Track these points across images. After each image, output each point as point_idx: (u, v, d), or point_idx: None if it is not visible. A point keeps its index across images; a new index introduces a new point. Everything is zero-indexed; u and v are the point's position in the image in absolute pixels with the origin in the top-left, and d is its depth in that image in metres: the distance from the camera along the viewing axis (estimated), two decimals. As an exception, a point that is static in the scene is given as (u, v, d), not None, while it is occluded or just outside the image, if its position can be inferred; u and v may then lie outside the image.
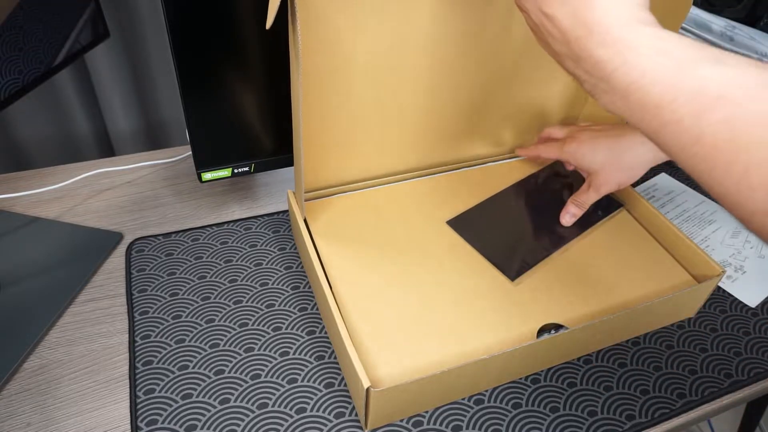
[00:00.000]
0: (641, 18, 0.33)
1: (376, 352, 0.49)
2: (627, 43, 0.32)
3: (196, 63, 0.54)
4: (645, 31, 0.32)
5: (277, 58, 0.56)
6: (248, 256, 0.63)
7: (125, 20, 0.92)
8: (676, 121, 0.30)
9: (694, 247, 0.57)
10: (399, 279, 0.56)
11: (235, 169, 0.64)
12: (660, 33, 0.32)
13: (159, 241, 0.65)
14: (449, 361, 0.49)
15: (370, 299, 0.53)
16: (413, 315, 0.52)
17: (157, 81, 1.01)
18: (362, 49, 0.52)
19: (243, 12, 0.53)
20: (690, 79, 0.29)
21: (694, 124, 0.29)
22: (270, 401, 0.50)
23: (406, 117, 0.61)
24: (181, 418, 0.48)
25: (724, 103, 0.28)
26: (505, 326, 0.52)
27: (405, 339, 0.50)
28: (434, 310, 0.53)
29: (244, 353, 0.53)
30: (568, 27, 0.35)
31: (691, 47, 0.30)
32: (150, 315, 0.56)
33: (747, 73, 0.28)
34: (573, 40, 0.34)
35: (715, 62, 0.29)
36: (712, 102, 0.28)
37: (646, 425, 0.49)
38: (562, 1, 0.35)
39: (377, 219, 0.62)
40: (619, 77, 0.32)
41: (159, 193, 0.73)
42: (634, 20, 0.32)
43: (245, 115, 0.61)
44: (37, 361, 0.52)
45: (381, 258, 0.58)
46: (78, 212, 0.69)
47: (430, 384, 0.45)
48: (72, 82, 0.95)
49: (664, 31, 0.32)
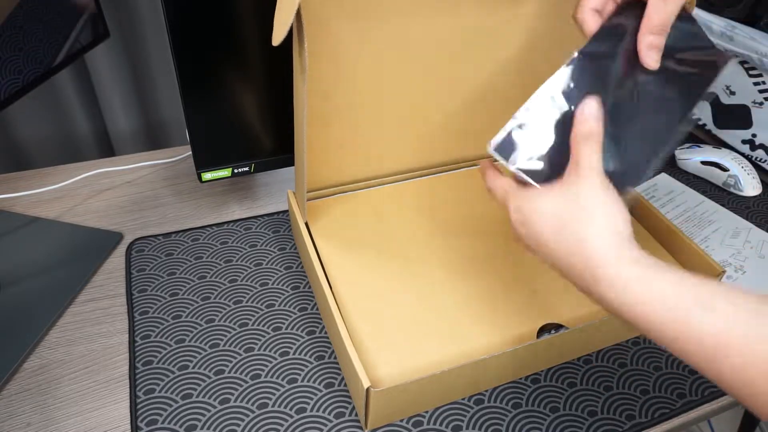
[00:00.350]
0: (630, 257, 0.34)
1: (376, 352, 0.49)
2: (621, 285, 0.33)
3: (196, 63, 0.54)
4: (634, 272, 0.33)
5: (277, 58, 0.56)
6: (248, 256, 0.63)
7: (125, 20, 0.92)
8: (690, 356, 0.31)
9: (695, 247, 0.57)
10: (399, 279, 0.56)
11: (235, 169, 0.64)
12: (647, 274, 0.33)
13: (159, 241, 0.65)
14: (449, 361, 0.49)
15: (370, 299, 0.53)
16: (413, 315, 0.52)
17: (157, 81, 1.01)
18: (365, 54, 0.52)
19: (243, 12, 0.53)
20: (689, 329, 0.31)
21: (710, 368, 0.31)
22: (270, 401, 0.50)
23: (407, 118, 0.61)
24: (181, 418, 0.48)
25: (730, 352, 0.29)
26: (505, 326, 0.52)
27: (405, 339, 0.50)
28: (434, 310, 0.53)
29: (244, 353, 0.53)
30: (564, 267, 0.37)
31: (681, 292, 0.32)
32: (150, 315, 0.56)
33: (738, 311, 0.30)
34: (570, 274, 0.37)
35: (706, 309, 0.31)
36: (719, 352, 0.30)
37: (646, 425, 0.49)
38: (556, 239, 0.37)
39: (377, 219, 0.62)
40: (622, 312, 0.34)
41: (159, 193, 0.73)
42: (625, 260, 0.34)
43: (245, 115, 0.61)
44: (37, 361, 0.52)
45: (381, 258, 0.58)
46: (78, 212, 0.69)
47: (430, 384, 0.45)
48: (72, 82, 0.95)
49: (651, 270, 0.33)
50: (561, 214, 0.37)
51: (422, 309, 0.53)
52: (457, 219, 0.63)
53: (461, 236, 0.61)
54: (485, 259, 0.58)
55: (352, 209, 0.63)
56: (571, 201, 0.37)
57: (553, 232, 0.37)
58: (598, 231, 0.35)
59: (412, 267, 0.57)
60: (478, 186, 0.67)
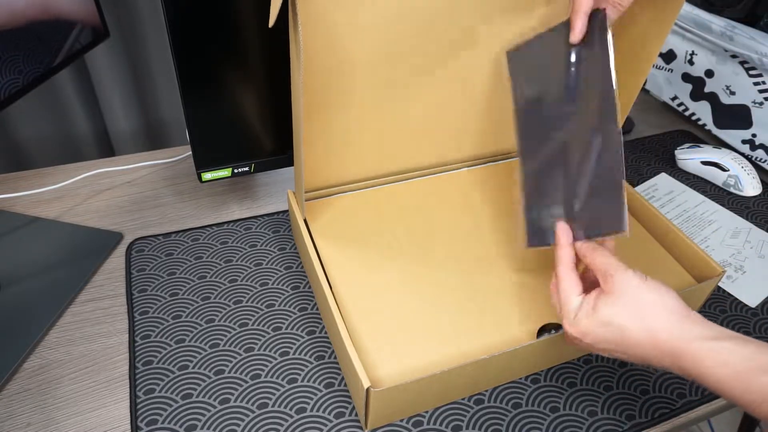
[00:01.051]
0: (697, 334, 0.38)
1: (376, 352, 0.49)
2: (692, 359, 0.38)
3: (196, 63, 0.54)
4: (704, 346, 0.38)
5: (277, 58, 0.56)
6: (248, 256, 0.63)
7: (125, 20, 0.92)
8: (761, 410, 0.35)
9: (694, 247, 0.57)
10: (399, 279, 0.56)
11: (235, 169, 0.64)
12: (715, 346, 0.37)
13: (159, 241, 0.65)
14: (449, 361, 0.49)
15: (370, 299, 0.53)
16: (413, 315, 0.52)
17: (157, 81, 1.01)
18: (362, 49, 0.52)
19: (243, 12, 0.53)
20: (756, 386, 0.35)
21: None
22: (270, 401, 0.50)
23: (407, 117, 0.61)
24: (181, 418, 0.48)
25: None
26: (505, 326, 0.52)
27: (405, 339, 0.50)
28: (434, 310, 0.53)
29: (244, 353, 0.53)
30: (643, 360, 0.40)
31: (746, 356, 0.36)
32: (150, 315, 0.56)
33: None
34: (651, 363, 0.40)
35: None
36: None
37: (646, 425, 0.49)
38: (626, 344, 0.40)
39: (377, 219, 0.62)
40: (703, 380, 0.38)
41: (159, 193, 0.73)
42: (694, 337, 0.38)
43: (245, 115, 0.61)
44: (37, 361, 0.52)
45: (381, 258, 0.58)
46: (78, 212, 0.69)
47: (430, 384, 0.45)
48: (72, 82, 0.95)
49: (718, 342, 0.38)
50: (620, 321, 0.40)
51: (422, 309, 0.53)
52: (457, 219, 0.63)
53: (461, 236, 0.61)
54: (485, 259, 0.58)
55: (352, 209, 0.63)
56: (622, 305, 0.40)
57: (621, 338, 0.40)
58: (661, 322, 0.39)
59: (411, 267, 0.57)
60: (478, 186, 0.67)
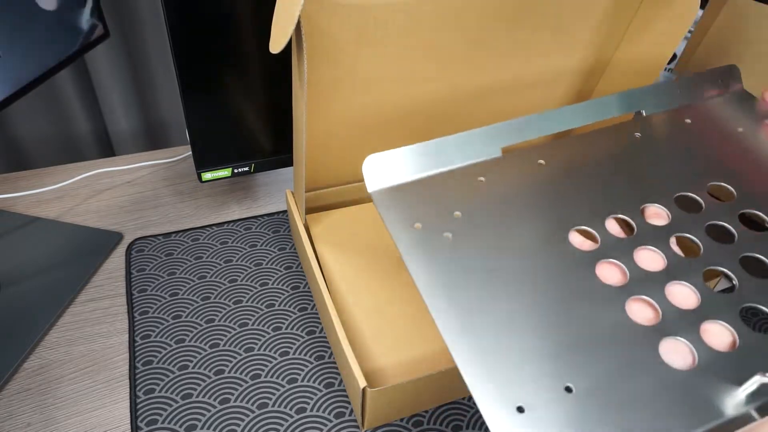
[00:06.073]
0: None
1: (376, 353, 0.49)
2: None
3: (196, 63, 0.54)
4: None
5: (277, 59, 0.56)
6: (248, 256, 0.64)
7: (125, 20, 0.92)
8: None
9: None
10: (397, 279, 0.56)
11: (235, 169, 0.64)
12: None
13: (159, 241, 0.65)
14: (448, 360, 0.49)
15: (369, 299, 0.53)
16: (412, 315, 0.53)
17: (157, 81, 1.01)
18: (365, 60, 0.52)
19: (243, 12, 0.53)
20: None
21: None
22: (270, 401, 0.50)
23: (408, 124, 0.61)
24: (181, 418, 0.48)
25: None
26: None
27: (404, 339, 0.50)
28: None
29: (244, 353, 0.53)
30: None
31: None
32: (150, 315, 0.56)
33: None
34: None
35: None
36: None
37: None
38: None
39: (376, 219, 0.62)
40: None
41: (159, 193, 0.73)
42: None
43: (245, 115, 0.61)
44: (37, 361, 0.52)
45: (379, 258, 0.58)
46: (78, 212, 0.69)
47: (427, 384, 0.46)
48: (72, 82, 0.95)
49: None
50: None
51: (421, 309, 0.53)
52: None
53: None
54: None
55: (351, 210, 0.63)
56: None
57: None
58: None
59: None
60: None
